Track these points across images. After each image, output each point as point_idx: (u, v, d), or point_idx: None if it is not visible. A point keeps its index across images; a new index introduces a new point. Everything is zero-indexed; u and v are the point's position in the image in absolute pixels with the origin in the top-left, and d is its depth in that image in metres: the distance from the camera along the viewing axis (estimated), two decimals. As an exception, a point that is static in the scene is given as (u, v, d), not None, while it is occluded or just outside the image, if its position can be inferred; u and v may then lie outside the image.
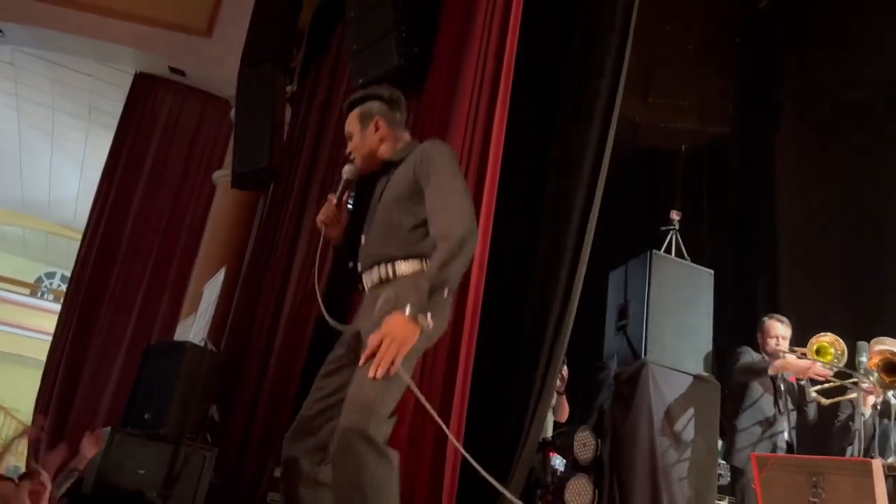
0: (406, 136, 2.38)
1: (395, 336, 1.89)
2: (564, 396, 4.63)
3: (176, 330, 6.04)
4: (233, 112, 6.54)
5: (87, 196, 8.83)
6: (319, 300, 2.39)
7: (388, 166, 2.32)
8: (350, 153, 2.37)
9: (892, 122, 4.96)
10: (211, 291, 5.04)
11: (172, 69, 7.28)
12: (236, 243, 6.47)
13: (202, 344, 4.32)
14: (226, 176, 6.48)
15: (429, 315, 1.91)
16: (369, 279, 2.19)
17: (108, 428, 3.80)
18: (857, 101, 5.24)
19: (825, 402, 3.88)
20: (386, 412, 1.93)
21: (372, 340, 1.92)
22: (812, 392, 3.88)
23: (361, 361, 1.95)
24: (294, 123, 6.33)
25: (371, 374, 1.88)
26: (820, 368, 3.75)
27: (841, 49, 5.40)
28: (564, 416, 4.61)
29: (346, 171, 2.37)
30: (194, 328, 4.77)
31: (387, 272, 2.13)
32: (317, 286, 2.47)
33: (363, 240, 2.26)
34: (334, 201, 2.36)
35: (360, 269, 2.25)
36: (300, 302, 4.88)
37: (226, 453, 4.37)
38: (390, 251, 2.13)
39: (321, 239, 2.41)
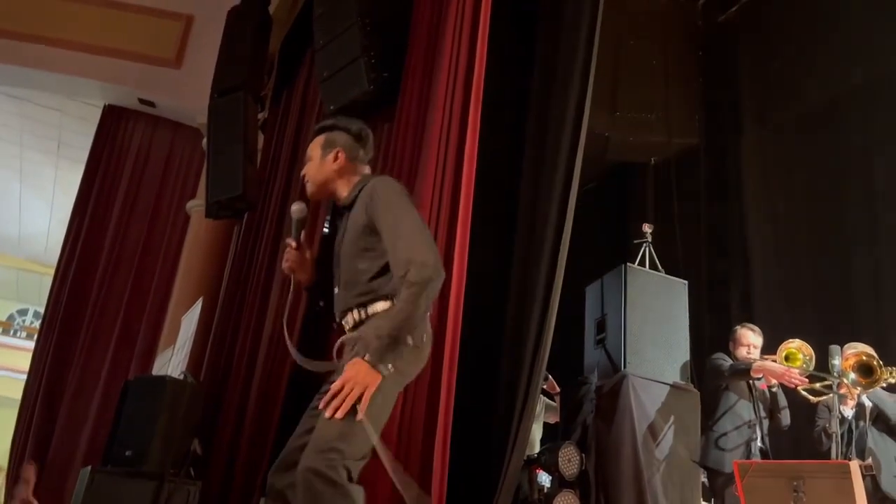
0: (365, 171, 2.37)
1: (356, 381, 1.95)
2: (559, 397, 4.76)
3: (154, 363, 5.97)
4: (205, 141, 6.52)
5: (58, 231, 8.75)
6: (291, 349, 2.38)
7: (344, 209, 2.31)
8: (304, 175, 2.37)
9: (854, 128, 5.08)
10: (189, 323, 5.00)
11: (142, 100, 7.25)
12: (212, 273, 6.42)
13: (182, 377, 4.29)
14: (199, 205, 6.45)
15: (390, 365, 1.97)
16: (346, 326, 2.22)
17: (85, 466, 3.74)
18: (819, 109, 5.37)
19: (814, 399, 3.92)
20: (352, 453, 1.95)
21: (334, 386, 1.97)
22: (802, 391, 3.91)
23: (321, 405, 1.99)
24: (267, 150, 6.32)
25: (329, 414, 1.94)
26: (797, 375, 3.80)
27: (801, 58, 5.54)
28: None
29: (295, 211, 2.35)
30: (173, 361, 4.72)
31: (360, 315, 2.16)
32: (287, 339, 2.45)
33: (336, 291, 2.27)
34: (293, 245, 2.33)
35: (336, 318, 2.27)
36: (279, 330, 4.86)
37: (209, 487, 4.32)
38: (360, 299, 2.17)
39: (291, 287, 2.37)
